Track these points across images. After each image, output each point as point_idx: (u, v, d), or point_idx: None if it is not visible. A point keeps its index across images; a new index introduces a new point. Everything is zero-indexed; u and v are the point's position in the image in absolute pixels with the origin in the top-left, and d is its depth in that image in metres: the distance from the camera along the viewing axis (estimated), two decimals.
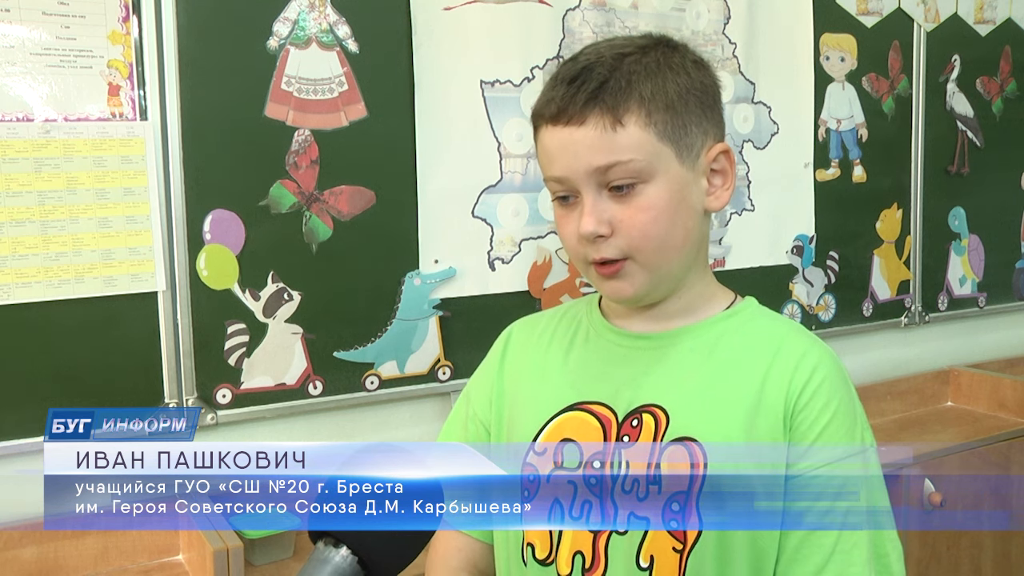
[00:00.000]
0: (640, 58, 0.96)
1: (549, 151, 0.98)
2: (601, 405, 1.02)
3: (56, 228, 1.59)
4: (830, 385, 0.98)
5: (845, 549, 0.95)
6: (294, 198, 1.78)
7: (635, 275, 0.98)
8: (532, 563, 1.04)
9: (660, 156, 0.95)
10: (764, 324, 1.05)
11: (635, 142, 0.94)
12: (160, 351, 1.69)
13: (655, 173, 0.95)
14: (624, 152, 0.94)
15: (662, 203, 0.96)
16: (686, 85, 0.97)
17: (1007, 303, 2.85)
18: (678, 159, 0.96)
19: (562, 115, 0.95)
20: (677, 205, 0.97)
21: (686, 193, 0.98)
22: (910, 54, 2.56)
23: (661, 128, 0.95)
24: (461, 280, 1.96)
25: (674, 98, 0.96)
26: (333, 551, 0.67)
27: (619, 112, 0.94)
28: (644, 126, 0.94)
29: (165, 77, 1.66)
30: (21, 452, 1.60)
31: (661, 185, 0.95)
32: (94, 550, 1.63)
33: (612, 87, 0.94)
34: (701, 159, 0.98)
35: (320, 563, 0.67)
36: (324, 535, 0.68)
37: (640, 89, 0.94)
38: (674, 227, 0.97)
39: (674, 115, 0.96)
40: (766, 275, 2.36)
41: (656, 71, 0.96)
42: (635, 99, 0.94)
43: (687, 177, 0.97)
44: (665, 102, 0.95)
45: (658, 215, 0.96)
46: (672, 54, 0.99)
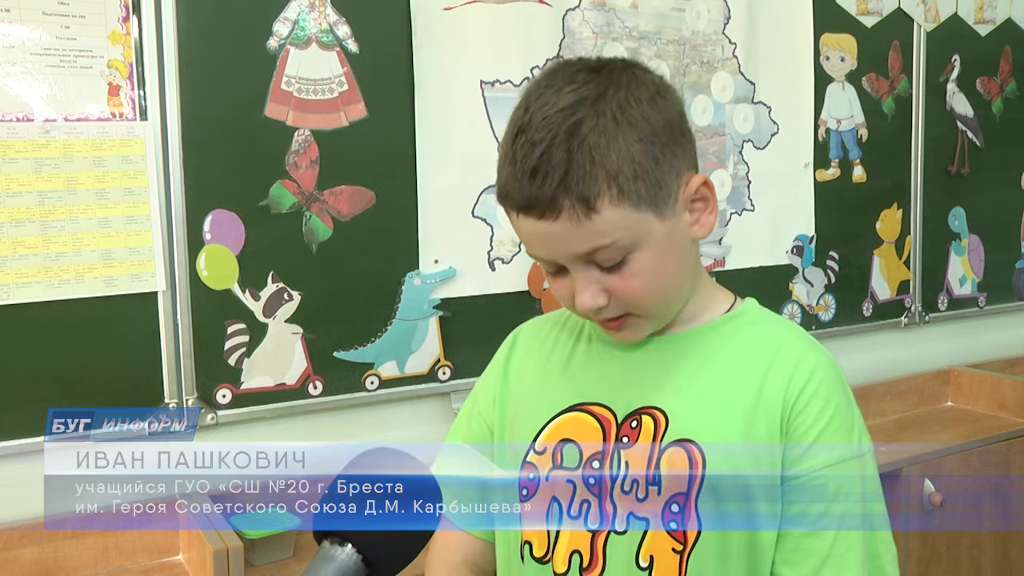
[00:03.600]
0: (596, 122, 0.89)
1: (526, 237, 0.94)
2: (600, 406, 1.02)
3: (56, 228, 1.59)
4: (827, 388, 0.98)
5: (840, 552, 0.95)
6: (294, 198, 1.78)
7: (638, 324, 0.98)
8: (529, 560, 1.04)
9: (642, 224, 0.91)
10: (763, 327, 1.05)
11: (613, 222, 0.90)
12: (160, 351, 1.69)
13: (639, 242, 0.92)
14: (604, 236, 0.90)
15: (653, 266, 0.94)
16: (649, 135, 0.91)
17: (1007, 303, 2.85)
18: (658, 218, 0.93)
19: (532, 209, 0.90)
20: (665, 258, 0.95)
21: (672, 241, 0.95)
22: (910, 54, 2.56)
23: (635, 197, 0.90)
24: (461, 280, 1.97)
25: (641, 159, 0.90)
26: (338, 549, 0.68)
27: (590, 200, 0.88)
28: (618, 203, 0.89)
29: (165, 77, 1.66)
30: (21, 452, 1.60)
31: (648, 249, 0.93)
32: (94, 550, 1.63)
33: (576, 173, 0.88)
34: (679, 200, 0.95)
35: (325, 561, 0.67)
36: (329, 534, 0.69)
37: (606, 166, 0.88)
38: (668, 278, 0.96)
39: (646, 177, 0.90)
40: (766, 275, 2.36)
41: (616, 132, 0.89)
42: (603, 179, 0.88)
43: (671, 226, 0.94)
44: (633, 169, 0.89)
45: (651, 276, 0.94)
46: (627, 98, 0.91)
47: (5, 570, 1.56)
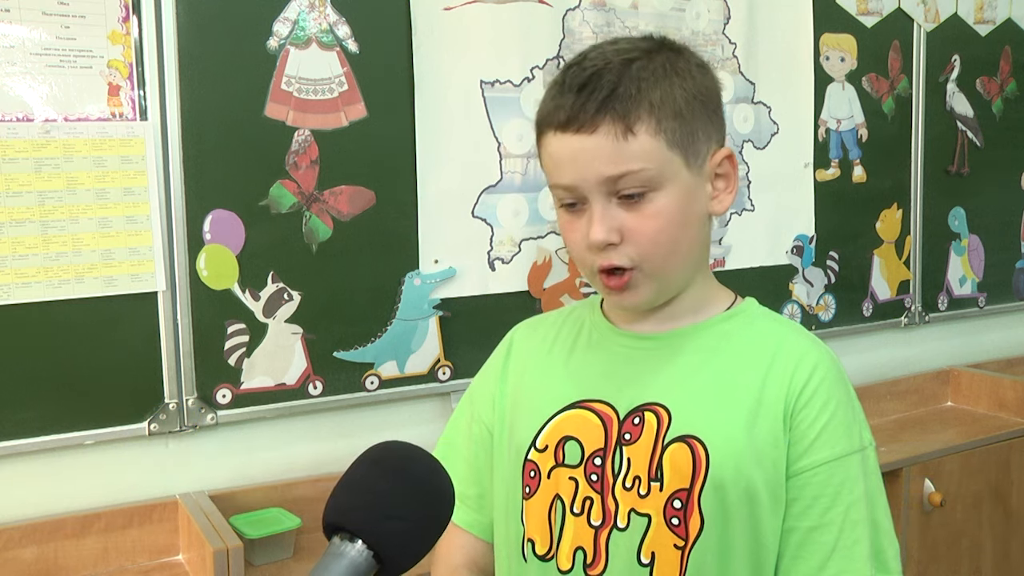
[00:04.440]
0: (647, 63, 0.95)
1: (557, 159, 0.97)
2: (602, 403, 1.02)
3: (56, 228, 1.59)
4: (829, 385, 0.98)
5: (846, 546, 0.96)
6: (294, 198, 1.78)
7: (642, 285, 0.98)
8: (532, 559, 1.04)
9: (670, 164, 0.95)
10: (765, 324, 1.05)
11: (646, 151, 0.93)
12: (160, 351, 1.69)
13: (665, 181, 0.95)
14: (635, 161, 0.93)
15: (671, 211, 0.95)
16: (692, 90, 0.96)
17: (1007, 303, 2.85)
18: (686, 166, 0.96)
19: (572, 123, 0.94)
20: (685, 212, 0.97)
21: (693, 199, 0.98)
22: (910, 54, 2.56)
23: (671, 136, 0.94)
24: (461, 280, 1.97)
25: (682, 105, 0.95)
26: (349, 545, 0.67)
27: (630, 120, 0.93)
28: (655, 134, 0.93)
29: (165, 77, 1.66)
30: (21, 452, 1.60)
31: (670, 193, 0.95)
32: (94, 550, 1.63)
33: (622, 94, 0.93)
34: (706, 165, 0.98)
35: (336, 557, 0.67)
36: (340, 530, 0.69)
37: (650, 96, 0.93)
38: (682, 234, 0.97)
39: (683, 122, 0.95)
40: (766, 275, 2.36)
41: (664, 76, 0.95)
42: (645, 107, 0.93)
43: (694, 183, 0.97)
44: (674, 109, 0.94)
45: (667, 223, 0.95)
46: (677, 58, 0.98)
47: (5, 570, 1.55)
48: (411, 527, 0.69)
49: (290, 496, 1.79)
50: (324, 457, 1.87)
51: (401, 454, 0.73)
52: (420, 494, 0.71)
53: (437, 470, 0.73)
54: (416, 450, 0.74)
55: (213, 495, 1.71)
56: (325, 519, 0.70)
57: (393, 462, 0.72)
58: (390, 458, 0.73)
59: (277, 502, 1.78)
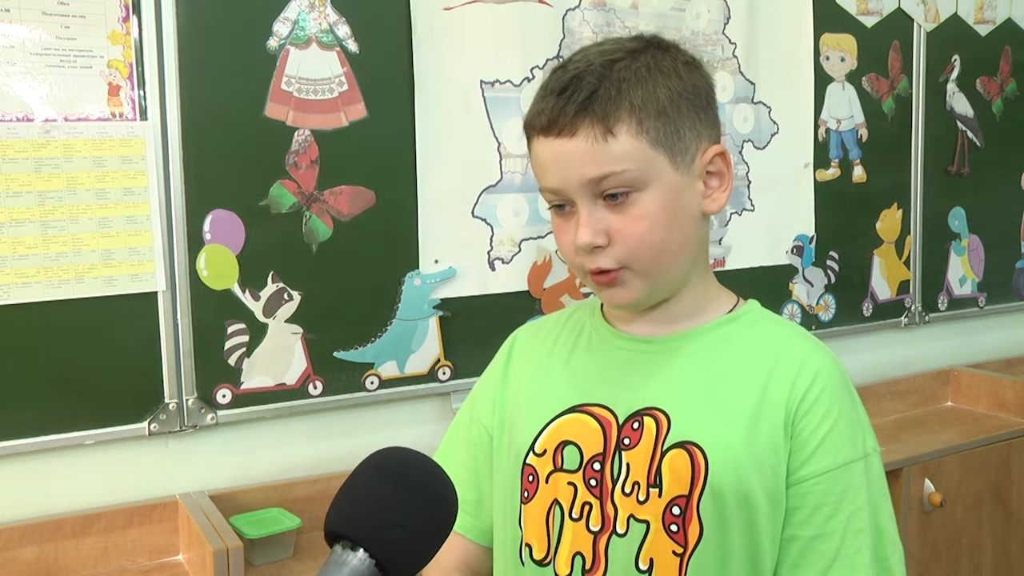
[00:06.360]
0: (629, 63, 0.95)
1: (542, 162, 0.98)
2: (601, 407, 1.02)
3: (56, 228, 1.59)
4: (832, 392, 0.97)
5: (848, 554, 0.95)
6: (294, 198, 1.78)
7: (632, 283, 0.98)
8: (529, 563, 1.04)
9: (654, 164, 0.94)
10: (767, 328, 1.04)
11: (627, 151, 0.93)
12: (160, 351, 1.69)
13: (649, 181, 0.94)
14: (617, 162, 0.93)
15: (657, 211, 0.95)
16: (677, 88, 0.96)
17: (1007, 303, 2.85)
18: (672, 165, 0.96)
19: (552, 126, 0.95)
20: (673, 211, 0.96)
21: (682, 198, 0.97)
22: (910, 54, 2.56)
23: (653, 135, 0.94)
24: (461, 280, 1.96)
25: (665, 103, 0.95)
26: (351, 554, 0.67)
27: (610, 122, 0.93)
28: (636, 134, 0.93)
29: (165, 77, 1.66)
30: (21, 452, 1.60)
31: (655, 193, 0.95)
32: (94, 550, 1.63)
33: (602, 96, 0.93)
34: (696, 163, 0.98)
35: (337, 566, 0.66)
36: (341, 538, 0.68)
37: (630, 97, 0.93)
38: (671, 234, 0.97)
39: (666, 121, 0.95)
40: (766, 275, 2.36)
41: (646, 76, 0.95)
42: (625, 107, 0.93)
43: (682, 182, 0.97)
44: (656, 108, 0.94)
45: (654, 223, 0.95)
46: (663, 56, 0.97)
47: (5, 570, 1.55)
48: (413, 535, 0.69)
49: (290, 496, 1.79)
50: (324, 457, 1.87)
51: (403, 461, 0.73)
52: (422, 502, 0.71)
53: (439, 477, 0.73)
54: (419, 457, 0.74)
55: (213, 495, 1.71)
56: (327, 527, 0.69)
57: (395, 469, 0.72)
58: (392, 465, 0.72)
59: (277, 502, 1.78)
